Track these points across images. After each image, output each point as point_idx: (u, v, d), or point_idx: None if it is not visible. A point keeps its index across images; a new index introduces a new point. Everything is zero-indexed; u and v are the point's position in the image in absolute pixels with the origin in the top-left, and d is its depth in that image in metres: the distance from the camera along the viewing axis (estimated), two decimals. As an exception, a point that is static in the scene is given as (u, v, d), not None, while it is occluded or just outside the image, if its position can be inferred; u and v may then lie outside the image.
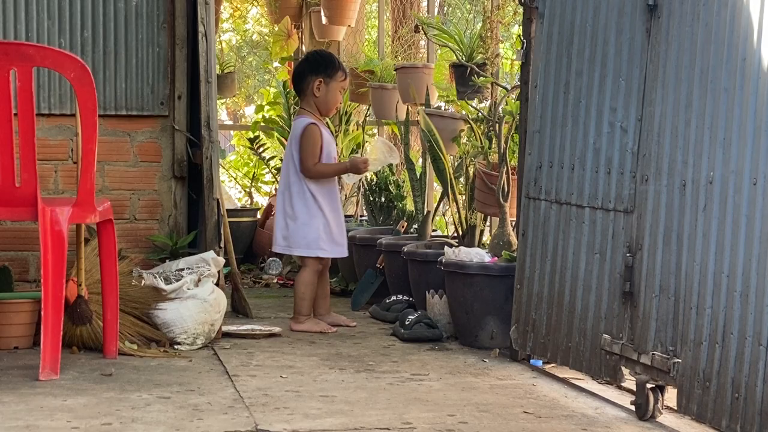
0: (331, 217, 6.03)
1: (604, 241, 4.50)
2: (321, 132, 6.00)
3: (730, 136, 3.77)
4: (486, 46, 7.07)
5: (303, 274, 6.07)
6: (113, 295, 5.00)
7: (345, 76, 6.13)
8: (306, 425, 3.95)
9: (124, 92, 6.07)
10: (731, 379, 3.71)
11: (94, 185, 4.81)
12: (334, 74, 6.02)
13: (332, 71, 6.03)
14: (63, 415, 4.00)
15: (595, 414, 4.29)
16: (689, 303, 3.95)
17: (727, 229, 3.77)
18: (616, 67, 4.46)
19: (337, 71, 6.03)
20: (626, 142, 4.38)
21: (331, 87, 6.01)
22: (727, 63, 3.80)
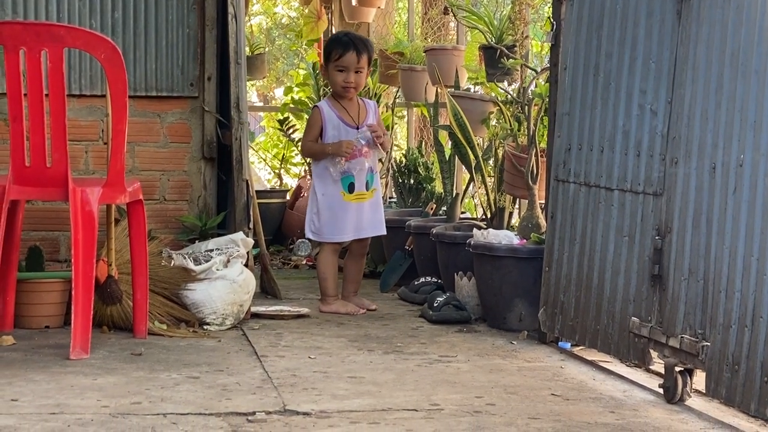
0: (322, 201, 5.91)
1: (633, 223, 4.49)
2: (322, 113, 5.90)
3: (761, 118, 3.75)
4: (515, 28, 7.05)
5: (319, 255, 6.17)
6: (143, 276, 5.01)
7: (341, 52, 5.82)
8: (334, 406, 3.95)
9: (154, 73, 6.08)
10: (760, 363, 3.70)
11: (124, 166, 4.83)
12: (330, 55, 5.86)
13: (328, 53, 5.89)
14: (93, 393, 4.02)
15: (623, 397, 4.28)
16: (718, 286, 3.93)
17: (757, 212, 3.75)
18: (646, 50, 4.44)
19: (331, 52, 5.86)
20: (656, 125, 4.37)
21: (330, 69, 5.89)
22: (759, 45, 3.78)
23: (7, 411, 3.76)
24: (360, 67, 5.84)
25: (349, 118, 5.90)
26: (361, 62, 5.84)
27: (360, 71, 5.86)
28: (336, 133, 5.84)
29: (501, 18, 7.23)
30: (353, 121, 5.90)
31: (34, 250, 5.41)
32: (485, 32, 7.01)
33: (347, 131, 5.84)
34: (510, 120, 6.65)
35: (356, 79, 5.85)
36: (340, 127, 5.86)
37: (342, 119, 5.88)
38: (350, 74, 5.82)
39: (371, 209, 6.00)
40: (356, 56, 5.80)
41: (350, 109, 5.95)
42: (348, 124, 5.88)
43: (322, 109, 5.88)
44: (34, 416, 3.70)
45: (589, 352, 4.91)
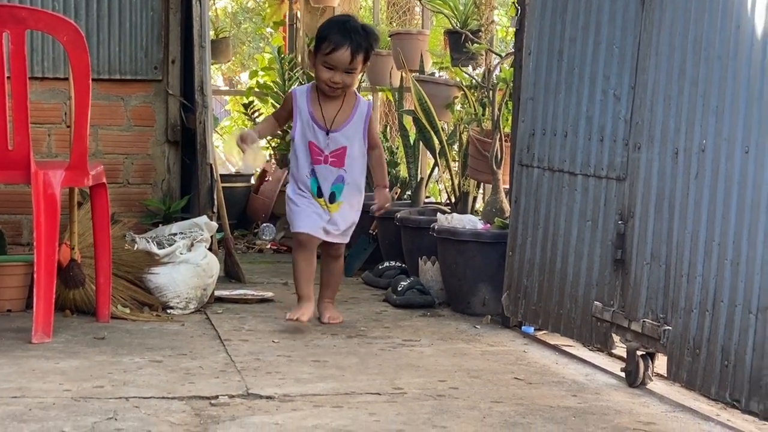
0: (290, 191, 5.07)
1: (596, 208, 4.50)
2: (294, 101, 4.99)
3: (723, 104, 3.77)
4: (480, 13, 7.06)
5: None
6: (106, 259, 5.00)
7: (333, 47, 4.81)
8: (297, 390, 3.96)
9: (117, 56, 6.07)
10: (721, 347, 3.72)
11: (87, 149, 4.80)
12: (320, 45, 4.86)
13: (320, 41, 4.87)
14: (55, 377, 4.01)
15: (586, 380, 4.30)
16: (680, 271, 3.96)
17: (719, 197, 3.77)
18: (610, 35, 4.46)
19: (323, 42, 4.85)
20: (619, 110, 4.38)
21: (317, 60, 4.87)
22: (721, 31, 3.80)
23: (-32, 395, 3.75)
24: (352, 67, 4.85)
25: (321, 118, 4.93)
26: (355, 62, 4.84)
27: (351, 72, 4.87)
28: (302, 129, 4.95)
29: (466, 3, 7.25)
30: (325, 123, 4.93)
31: (-5, 234, 5.39)
32: (450, 17, 7.04)
33: (314, 132, 4.94)
34: (474, 105, 6.66)
35: (345, 80, 4.86)
36: (309, 124, 4.94)
37: (313, 116, 4.94)
38: (338, 74, 4.83)
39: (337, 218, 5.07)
40: (350, 55, 4.80)
41: (328, 106, 4.96)
42: (318, 123, 4.93)
43: (296, 96, 5.00)
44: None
45: (552, 337, 4.93)
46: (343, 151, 4.89)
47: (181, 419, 3.53)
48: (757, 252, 3.58)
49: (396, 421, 3.61)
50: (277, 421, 3.55)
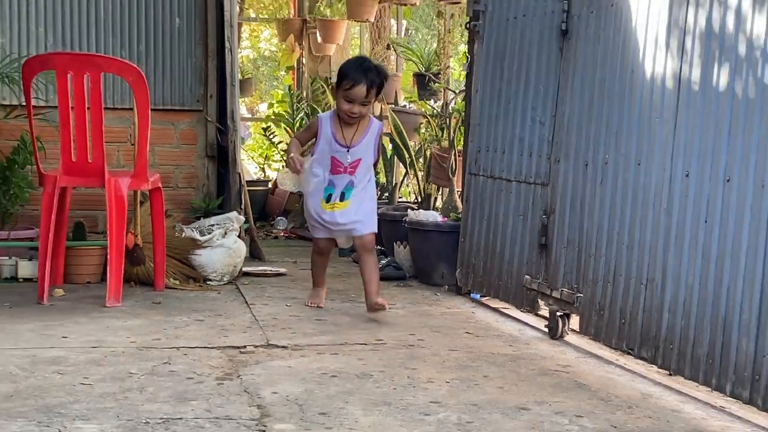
0: (308, 199, 4.62)
1: (526, 206, 4.51)
2: (320, 125, 4.55)
3: (621, 128, 3.78)
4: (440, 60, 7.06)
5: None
6: (161, 244, 4.98)
7: (352, 84, 4.41)
8: (305, 341, 3.95)
9: (169, 92, 6.03)
10: (619, 309, 3.74)
11: (147, 161, 4.78)
12: (341, 82, 4.46)
13: (341, 78, 4.48)
14: (124, 332, 4.00)
15: (519, 334, 4.31)
16: (589, 252, 3.97)
17: (618, 197, 3.78)
18: (537, 77, 4.46)
19: (343, 79, 4.46)
20: (543, 133, 4.38)
21: (339, 93, 4.48)
22: (620, 74, 3.81)
23: (60, 345, 3.73)
24: (367, 100, 4.44)
25: (342, 138, 4.50)
26: (369, 96, 4.44)
27: (366, 104, 4.46)
28: (327, 147, 4.52)
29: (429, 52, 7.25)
30: (345, 141, 4.49)
31: (78, 225, 5.35)
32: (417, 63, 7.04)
33: (337, 149, 4.50)
34: (435, 129, 6.66)
35: (362, 110, 4.46)
36: (332, 143, 4.50)
37: (335, 137, 4.51)
38: (356, 106, 4.42)
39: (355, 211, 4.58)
40: (365, 90, 4.40)
41: (347, 129, 4.52)
42: (339, 142, 4.50)
43: (321, 121, 4.56)
44: (79, 349, 3.68)
45: (493, 302, 4.93)
46: (358, 163, 4.52)
47: (218, 363, 3.53)
48: (645, 238, 3.59)
49: (378, 364, 3.61)
50: (290, 365, 3.55)
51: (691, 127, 3.36)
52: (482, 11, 4.96)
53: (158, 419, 2.81)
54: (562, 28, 4.21)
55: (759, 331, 3.00)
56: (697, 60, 3.34)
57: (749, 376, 3.04)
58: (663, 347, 3.46)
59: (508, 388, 3.35)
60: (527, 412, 3.05)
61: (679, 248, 3.39)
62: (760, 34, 3.04)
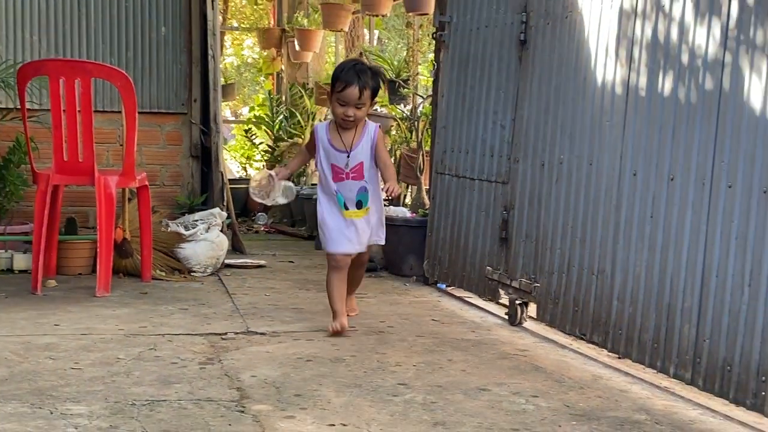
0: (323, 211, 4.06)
1: (488, 203, 4.53)
2: (316, 135, 4.07)
3: (575, 131, 3.81)
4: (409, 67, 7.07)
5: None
6: (148, 238, 4.97)
7: (344, 86, 3.92)
8: (282, 328, 3.96)
9: (156, 96, 6.01)
10: (573, 298, 3.77)
11: (134, 161, 4.77)
12: (334, 85, 3.99)
13: (334, 82, 4.00)
14: (112, 320, 3.99)
15: (481, 321, 4.33)
16: (545, 245, 3.99)
17: (571, 195, 3.81)
18: (498, 83, 4.48)
19: (335, 82, 3.99)
20: (504, 135, 4.41)
21: (333, 99, 4.00)
22: (574, 81, 3.84)
23: (52, 332, 3.72)
24: (361, 102, 3.93)
25: (340, 144, 4.01)
26: (363, 97, 3.93)
27: (361, 106, 3.95)
28: (324, 154, 4.05)
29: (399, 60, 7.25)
30: (343, 146, 4.00)
31: (70, 220, 5.33)
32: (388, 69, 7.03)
33: (336, 155, 4.01)
34: (405, 131, 6.68)
35: (356, 113, 3.95)
36: (329, 150, 4.03)
37: (332, 143, 4.02)
38: (350, 109, 3.92)
39: (365, 225, 4.09)
40: (358, 92, 3.90)
41: (345, 135, 4.02)
42: (337, 148, 4.01)
43: (317, 130, 4.11)
44: (71, 336, 3.67)
45: (458, 291, 4.95)
46: (360, 166, 4.00)
47: (201, 349, 3.53)
48: (596, 232, 3.63)
49: (350, 349, 3.62)
50: (268, 350, 3.56)
51: (639, 129, 3.39)
52: (448, 22, 4.98)
53: (144, 401, 2.81)
54: (521, 38, 4.24)
55: (700, 317, 3.04)
56: (643, 68, 3.37)
57: (691, 358, 3.08)
58: (612, 332, 3.49)
59: (471, 370, 3.37)
60: (487, 393, 3.07)
61: (627, 241, 3.43)
62: (701, 44, 3.08)
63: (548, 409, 2.92)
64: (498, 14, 4.48)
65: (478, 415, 2.81)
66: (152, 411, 2.72)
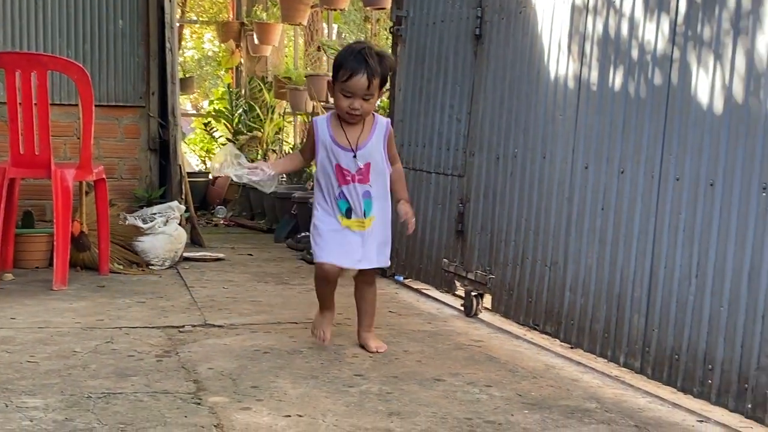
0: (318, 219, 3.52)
1: (444, 196, 4.56)
2: (315, 129, 3.46)
3: (528, 125, 3.84)
4: (368, 61, 7.06)
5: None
6: (106, 231, 4.94)
7: (350, 74, 3.29)
8: (240, 320, 3.96)
9: (113, 89, 5.98)
10: (527, 289, 3.81)
11: (91, 154, 4.74)
12: (336, 74, 3.36)
13: (337, 69, 3.36)
14: (69, 314, 3.96)
15: (437, 312, 4.36)
16: (500, 238, 4.03)
17: (525, 188, 3.85)
18: (454, 77, 4.51)
19: (339, 70, 3.34)
20: (460, 129, 4.44)
21: (336, 89, 3.37)
22: (528, 75, 3.87)
23: (8, 326, 3.69)
24: (370, 93, 3.32)
25: (345, 141, 3.39)
26: (372, 87, 3.32)
27: (369, 98, 3.34)
28: (326, 154, 3.41)
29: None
30: (349, 144, 3.38)
31: (27, 214, 5.29)
32: (347, 64, 7.02)
33: (340, 155, 3.40)
34: (363, 124, 6.66)
35: (363, 106, 3.34)
36: (332, 148, 3.39)
37: (335, 140, 3.40)
38: (356, 100, 3.32)
39: (368, 238, 3.50)
40: (366, 81, 3.29)
41: (350, 130, 3.41)
42: (341, 146, 3.39)
43: (316, 125, 3.47)
44: (27, 329, 3.64)
45: (415, 283, 4.96)
46: (367, 168, 3.41)
47: (158, 342, 3.52)
48: (549, 224, 3.67)
49: (308, 341, 3.63)
50: (225, 342, 3.56)
51: (590, 123, 3.43)
52: (404, 16, 5.00)
53: (100, 394, 2.81)
54: (476, 32, 4.27)
55: (649, 307, 3.09)
56: (595, 63, 3.42)
57: (640, 348, 3.13)
58: (565, 323, 3.54)
59: (426, 361, 3.40)
60: (442, 383, 3.10)
61: (579, 233, 3.47)
62: (650, 39, 3.13)
63: (501, 398, 2.95)
64: (454, 9, 4.51)
65: (433, 405, 2.84)
66: (108, 404, 2.71)
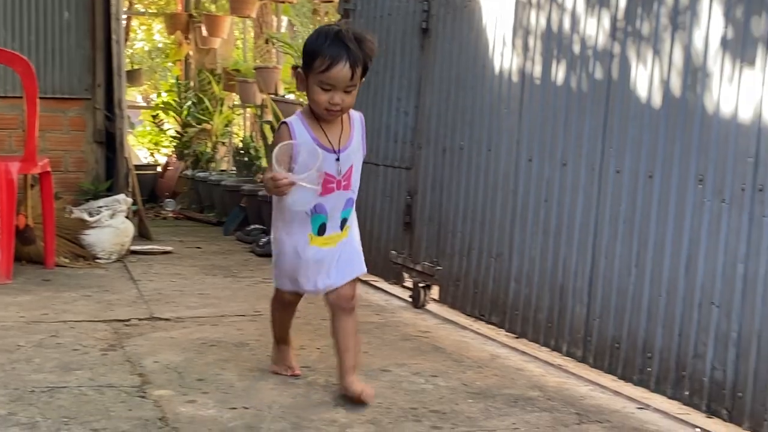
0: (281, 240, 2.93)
1: (392, 188, 4.57)
2: (291, 131, 2.75)
3: (473, 118, 3.87)
4: (316, 54, 7.05)
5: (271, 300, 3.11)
6: (51, 224, 4.87)
7: (329, 63, 2.65)
8: (187, 314, 3.94)
9: (59, 81, 5.90)
10: (473, 280, 3.84)
11: (36, 147, 4.68)
12: (311, 64, 2.68)
13: (312, 57, 2.69)
14: (14, 308, 3.91)
15: (386, 304, 4.37)
16: (447, 229, 4.06)
17: (471, 180, 3.87)
18: (401, 71, 4.52)
19: (315, 58, 2.67)
20: (407, 122, 4.45)
21: (311, 81, 2.71)
22: (473, 69, 3.90)
23: (-51, 321, 3.64)
24: (353, 84, 2.73)
25: (327, 141, 2.78)
26: (355, 78, 2.72)
27: (351, 90, 2.74)
28: (310, 159, 2.71)
29: (306, 47, 7.22)
30: (332, 144, 2.79)
31: (-30, 207, 5.20)
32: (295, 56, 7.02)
33: (326, 157, 2.75)
34: (312, 117, 6.65)
35: (345, 100, 2.74)
36: (317, 152, 2.71)
37: (318, 141, 2.76)
38: (338, 94, 2.70)
39: (340, 250, 3.01)
40: (349, 70, 2.68)
41: (330, 128, 2.81)
42: (325, 147, 2.77)
43: (292, 127, 2.77)
44: (-30, 325, 3.59)
45: (363, 275, 4.96)
46: (350, 171, 2.90)
47: (104, 335, 3.49)
48: (495, 216, 3.70)
49: (255, 333, 3.62)
50: (171, 336, 3.54)
51: (534, 117, 3.47)
52: (352, 9, 5.00)
53: (44, 388, 2.78)
54: (423, 26, 4.28)
55: (590, 297, 3.13)
56: (538, 57, 3.45)
57: (582, 337, 3.18)
58: (510, 313, 3.58)
59: (373, 352, 3.41)
60: (389, 374, 3.11)
61: (524, 225, 3.51)
62: (591, 34, 3.16)
63: (446, 387, 2.98)
64: (401, 3, 4.52)
65: (379, 396, 2.85)
66: (52, 398, 2.68)
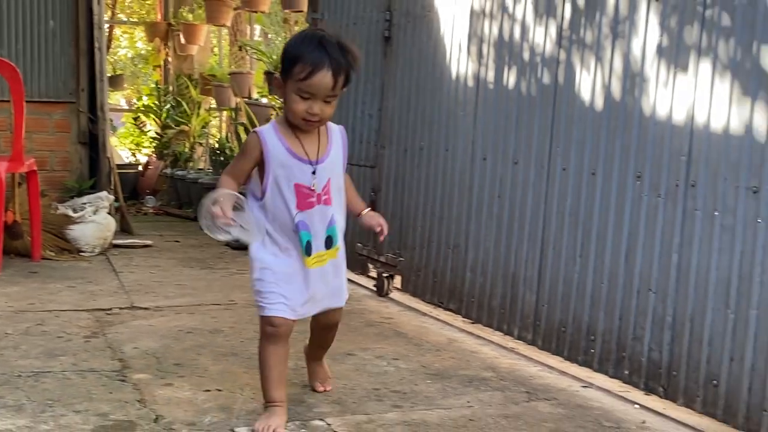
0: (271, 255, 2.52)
1: (358, 185, 4.52)
2: (264, 144, 2.37)
3: (432, 120, 3.89)
4: (287, 61, 7.03)
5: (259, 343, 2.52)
6: (38, 220, 4.83)
7: (310, 71, 2.28)
8: (165, 303, 3.92)
9: (45, 86, 5.85)
10: (433, 270, 3.86)
11: (23, 147, 4.63)
12: (290, 70, 2.32)
13: (291, 63, 2.32)
14: (2, 298, 3.87)
15: (352, 293, 4.22)
16: (408, 223, 4.07)
17: (430, 178, 3.89)
18: (365, 76, 4.52)
19: (294, 65, 2.31)
20: (372, 124, 4.46)
21: (288, 88, 2.34)
22: (432, 74, 3.92)
23: (-60, 311, 3.60)
24: (333, 94, 2.34)
25: (303, 152, 2.39)
26: (337, 87, 2.33)
27: (331, 99, 2.34)
28: (282, 172, 2.38)
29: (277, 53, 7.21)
30: (308, 155, 2.39)
31: (-40, 204, 5.15)
32: (267, 63, 7.00)
33: (300, 170, 2.39)
34: (284, 119, 6.64)
35: (324, 110, 2.34)
36: (292, 163, 2.37)
37: (293, 152, 2.38)
38: (316, 104, 2.32)
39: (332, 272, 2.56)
40: (332, 78, 2.30)
41: (306, 138, 2.41)
42: (301, 159, 2.39)
43: (263, 136, 2.39)
44: (-40, 314, 3.56)
45: (331, 266, 4.98)
46: (328, 185, 2.45)
47: (87, 324, 3.47)
48: (452, 211, 3.72)
49: (229, 321, 3.62)
50: (150, 324, 3.53)
51: (488, 119, 3.49)
52: (319, 19, 4.99)
53: (30, 372, 2.76)
54: (385, 34, 4.30)
55: (539, 285, 3.17)
56: (491, 64, 3.47)
57: (532, 322, 3.21)
58: (466, 300, 3.60)
59: (339, 338, 3.38)
60: (353, 357, 3.13)
61: (479, 219, 3.53)
62: (540, 42, 3.19)
63: (407, 370, 3.00)
64: (365, 12, 4.53)
65: (344, 378, 2.87)
66: (37, 382, 2.67)
